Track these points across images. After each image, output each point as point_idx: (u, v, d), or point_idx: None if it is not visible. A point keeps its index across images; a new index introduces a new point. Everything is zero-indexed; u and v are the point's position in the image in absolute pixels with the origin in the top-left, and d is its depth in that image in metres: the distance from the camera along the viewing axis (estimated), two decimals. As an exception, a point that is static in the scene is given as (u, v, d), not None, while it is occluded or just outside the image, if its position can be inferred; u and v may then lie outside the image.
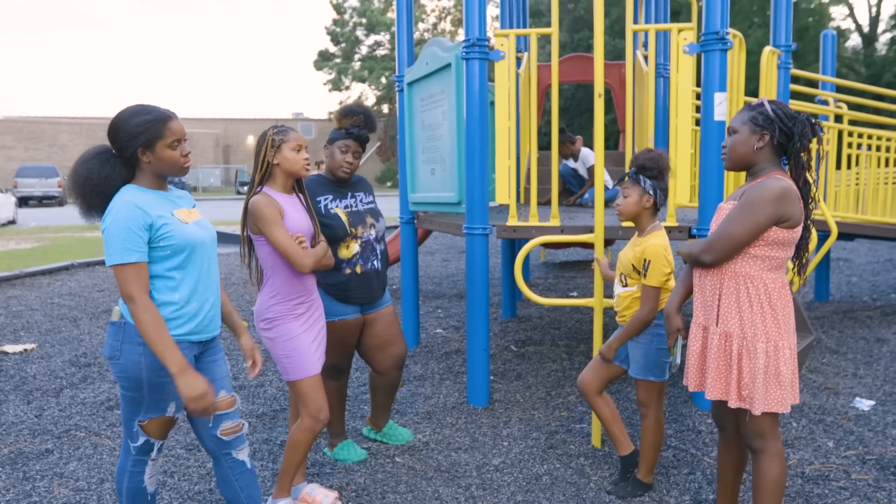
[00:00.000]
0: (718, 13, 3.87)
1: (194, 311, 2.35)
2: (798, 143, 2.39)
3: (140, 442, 2.38)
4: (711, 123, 3.93)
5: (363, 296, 3.30)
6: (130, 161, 2.31)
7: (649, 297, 2.95)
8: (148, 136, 2.26)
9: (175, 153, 2.31)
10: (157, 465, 2.48)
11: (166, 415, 2.37)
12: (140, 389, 2.29)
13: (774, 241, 2.35)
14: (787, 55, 5.45)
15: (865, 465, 3.38)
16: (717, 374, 2.44)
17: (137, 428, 2.36)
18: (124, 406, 2.35)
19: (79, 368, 5.08)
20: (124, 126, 2.27)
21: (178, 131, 2.32)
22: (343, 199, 3.27)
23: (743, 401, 2.39)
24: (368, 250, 3.28)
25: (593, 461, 3.47)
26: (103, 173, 2.27)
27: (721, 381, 2.44)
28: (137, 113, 2.28)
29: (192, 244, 2.33)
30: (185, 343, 2.33)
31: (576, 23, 27.82)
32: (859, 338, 5.75)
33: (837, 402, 4.25)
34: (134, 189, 2.30)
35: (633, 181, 3.00)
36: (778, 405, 2.37)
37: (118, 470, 2.45)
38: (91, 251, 11.61)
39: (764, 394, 2.35)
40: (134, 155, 2.29)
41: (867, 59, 28.96)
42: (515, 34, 4.27)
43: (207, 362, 2.47)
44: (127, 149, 2.27)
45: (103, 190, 2.28)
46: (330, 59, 43.06)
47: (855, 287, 8.15)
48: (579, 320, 6.50)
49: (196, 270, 2.36)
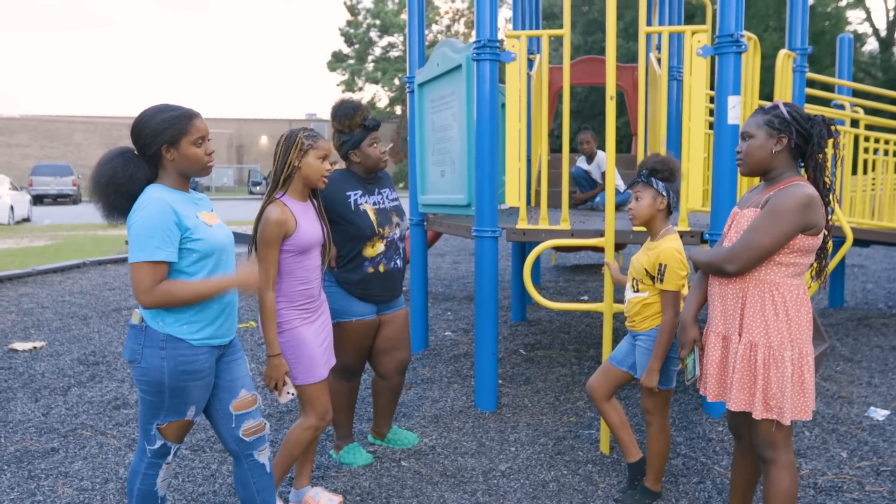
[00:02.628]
0: (733, 15, 3.82)
1: (216, 314, 2.33)
2: (816, 146, 2.34)
3: (157, 445, 2.36)
4: (725, 127, 3.87)
5: (384, 294, 3.33)
6: (154, 160, 2.29)
7: (670, 303, 2.88)
8: (173, 132, 2.25)
9: (199, 151, 2.30)
10: (170, 469, 2.46)
11: (185, 418, 2.35)
12: (161, 393, 2.27)
13: (800, 249, 2.30)
14: (802, 58, 5.38)
15: (880, 476, 3.32)
16: (741, 384, 2.37)
17: (155, 431, 2.34)
18: (143, 409, 2.33)
19: (87, 367, 5.08)
20: (149, 122, 2.26)
21: (203, 129, 2.32)
22: (371, 196, 3.29)
23: (770, 411, 2.33)
24: (392, 249, 3.31)
25: (601, 468, 3.43)
26: (128, 172, 2.25)
27: (745, 392, 2.37)
28: (162, 110, 2.28)
29: (218, 248, 2.32)
30: (206, 348, 2.31)
31: (590, 25, 27.71)
32: (874, 346, 5.67)
33: (851, 411, 4.18)
34: (161, 188, 2.28)
35: (644, 184, 2.95)
36: (803, 413, 2.33)
37: (131, 471, 2.43)
38: (103, 249, 11.66)
39: (791, 403, 2.30)
40: (158, 153, 2.27)
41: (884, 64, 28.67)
42: (527, 35, 4.23)
43: (227, 362, 2.46)
44: (151, 145, 2.25)
45: (128, 189, 2.25)
46: (343, 60, 43.17)
47: (870, 294, 8.05)
48: (589, 324, 6.45)
49: (218, 274, 2.34)
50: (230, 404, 2.45)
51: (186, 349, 2.26)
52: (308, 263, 2.80)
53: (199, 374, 2.30)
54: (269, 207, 2.71)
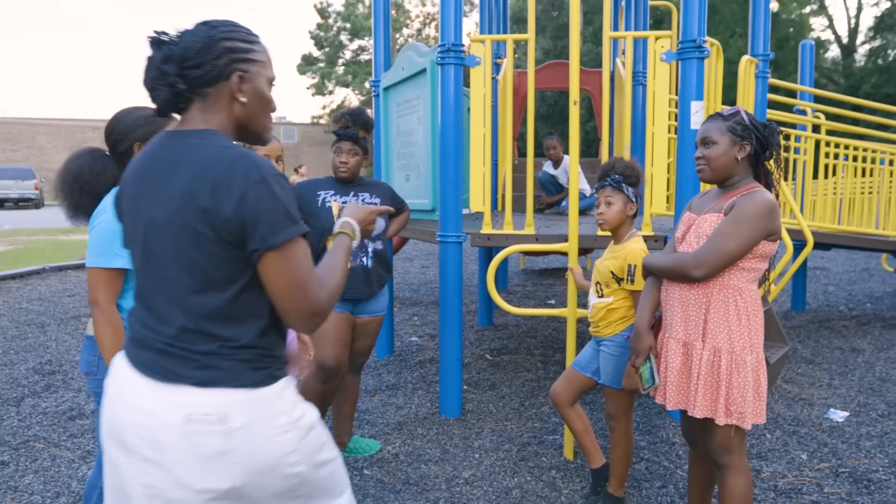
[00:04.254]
0: (696, 21, 3.84)
1: None
2: (770, 153, 2.36)
3: None
4: (688, 132, 3.90)
5: (351, 291, 3.33)
6: (124, 159, 2.23)
7: None
8: (148, 129, 2.21)
9: None
10: None
11: None
12: None
13: (761, 255, 2.31)
14: (765, 64, 5.44)
15: (839, 478, 3.35)
16: (704, 391, 2.36)
17: None
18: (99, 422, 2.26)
19: (42, 376, 4.95)
20: (124, 119, 2.22)
21: None
22: (343, 196, 3.35)
23: (731, 416, 2.32)
24: (357, 247, 3.31)
25: (565, 474, 3.41)
26: (95, 170, 2.20)
27: (709, 398, 2.36)
28: (139, 108, 2.25)
29: None
30: None
31: (560, 30, 27.90)
32: (835, 347, 5.74)
33: (812, 413, 4.22)
34: None
35: (615, 189, 2.94)
36: (760, 417, 2.33)
37: (88, 484, 2.35)
38: (65, 255, 11.42)
39: (752, 407, 2.30)
40: (129, 150, 2.21)
41: (846, 70, 29.30)
42: (492, 40, 4.22)
43: None
44: (123, 142, 2.20)
45: (94, 188, 2.20)
46: (314, 64, 42.92)
47: (832, 296, 8.18)
48: (556, 329, 6.45)
49: None
50: None
51: None
52: None
53: None
54: None
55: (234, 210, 1.37)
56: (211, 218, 1.38)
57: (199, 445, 1.39)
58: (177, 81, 1.45)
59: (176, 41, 1.46)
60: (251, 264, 1.43)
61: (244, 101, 1.52)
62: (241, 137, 1.58)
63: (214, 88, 1.49)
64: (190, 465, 1.39)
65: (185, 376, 1.41)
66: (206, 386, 1.41)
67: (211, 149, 1.42)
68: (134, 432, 1.43)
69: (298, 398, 1.54)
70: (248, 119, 1.54)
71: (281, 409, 1.46)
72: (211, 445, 1.39)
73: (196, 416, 1.39)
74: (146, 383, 1.44)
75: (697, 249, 2.35)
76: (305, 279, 1.42)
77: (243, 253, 1.41)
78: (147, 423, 1.41)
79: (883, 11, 27.99)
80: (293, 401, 1.51)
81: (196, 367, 1.42)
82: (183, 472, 1.39)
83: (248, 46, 1.52)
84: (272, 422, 1.44)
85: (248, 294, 1.45)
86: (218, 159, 1.40)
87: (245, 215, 1.37)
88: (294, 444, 1.47)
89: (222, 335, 1.43)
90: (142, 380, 1.45)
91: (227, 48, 1.48)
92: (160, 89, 1.46)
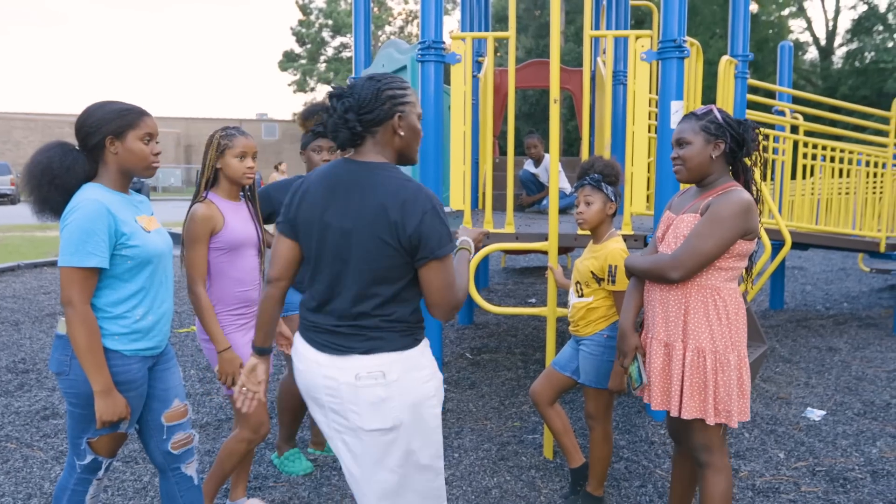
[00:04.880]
0: (676, 21, 3.85)
1: (150, 324, 2.23)
2: (747, 151, 2.35)
3: (88, 460, 2.23)
4: (668, 132, 3.90)
5: None
6: (95, 153, 2.17)
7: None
8: (121, 123, 2.15)
9: (146, 148, 2.19)
10: (100, 485, 2.33)
11: (118, 431, 2.23)
12: (91, 406, 2.14)
13: (738, 254, 2.31)
14: (744, 65, 5.47)
15: (815, 476, 3.37)
16: (691, 392, 2.35)
17: (86, 446, 2.21)
18: (72, 423, 2.20)
19: (16, 375, 4.86)
20: (96, 112, 2.15)
21: (153, 127, 2.23)
22: None
23: (719, 415, 2.32)
24: None
25: (544, 473, 3.41)
26: (65, 164, 2.12)
27: (697, 399, 2.35)
28: (112, 103, 2.18)
29: (155, 255, 2.21)
30: (139, 357, 2.21)
31: (542, 29, 27.96)
32: (812, 346, 5.80)
33: (789, 412, 4.25)
34: (98, 188, 2.15)
35: (594, 188, 2.93)
36: (745, 415, 2.33)
37: (59, 486, 2.29)
38: (40, 251, 11.26)
39: (738, 405, 2.31)
40: (101, 144, 2.15)
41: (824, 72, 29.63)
42: (472, 37, 4.20)
43: (160, 370, 2.35)
44: (95, 135, 2.14)
45: (63, 183, 2.13)
46: (295, 60, 42.68)
47: (809, 296, 8.26)
48: (536, 327, 6.45)
49: (155, 283, 2.24)
50: (162, 415, 2.34)
51: (118, 359, 2.15)
52: (241, 264, 2.70)
53: (131, 385, 2.19)
54: (195, 206, 2.64)
55: (415, 227, 1.85)
56: (398, 231, 1.85)
57: (367, 396, 1.89)
58: (356, 126, 1.90)
59: (350, 93, 1.91)
60: (414, 268, 1.91)
61: (402, 134, 1.96)
62: (400, 161, 2.02)
63: (382, 127, 1.94)
64: (361, 412, 1.90)
65: (354, 348, 1.91)
66: (370, 353, 1.90)
67: (396, 180, 1.89)
68: (322, 392, 1.96)
69: (433, 358, 2.03)
70: (406, 147, 2.00)
71: (424, 364, 1.97)
72: (376, 395, 1.89)
73: (363, 374, 1.89)
74: (325, 357, 1.95)
75: (675, 251, 2.34)
76: (453, 281, 1.93)
77: (412, 259, 1.89)
78: (330, 385, 1.93)
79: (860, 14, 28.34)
80: (430, 358, 2.01)
81: (362, 340, 1.91)
82: (356, 417, 1.90)
83: (402, 93, 1.95)
84: (418, 374, 1.94)
85: (407, 288, 1.93)
86: (404, 189, 1.87)
87: (422, 232, 1.85)
88: (433, 390, 1.98)
89: (384, 315, 1.91)
90: (321, 355, 1.96)
91: (389, 96, 1.92)
92: (342, 131, 1.91)
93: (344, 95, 1.92)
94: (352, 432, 1.94)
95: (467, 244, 2.23)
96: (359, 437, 1.93)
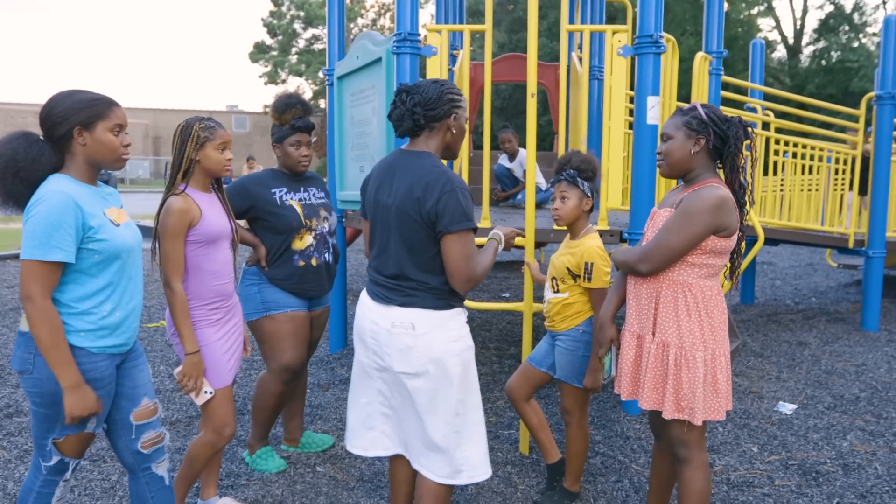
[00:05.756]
0: (653, 17, 3.85)
1: (118, 320, 2.15)
2: (732, 146, 2.35)
3: (54, 461, 2.16)
4: (644, 127, 3.90)
5: (316, 289, 3.30)
6: (61, 144, 2.09)
7: (599, 301, 2.83)
8: (90, 113, 2.07)
9: (115, 139, 2.12)
10: (67, 487, 2.26)
11: (85, 431, 2.16)
12: (57, 405, 2.07)
13: (712, 250, 2.31)
14: (718, 62, 5.51)
15: (788, 470, 3.40)
16: (652, 384, 2.37)
17: (51, 447, 2.14)
18: (36, 423, 2.12)
19: (-22, 371, 4.73)
20: (63, 102, 2.07)
21: (122, 118, 2.16)
22: (297, 192, 3.28)
23: (681, 411, 2.32)
24: (322, 243, 3.29)
25: (521, 469, 3.39)
26: (30, 155, 2.03)
27: (657, 392, 2.37)
28: (79, 92, 2.10)
29: (125, 250, 2.14)
30: (106, 354, 2.13)
31: (515, 24, 27.97)
32: (783, 341, 5.87)
33: (762, 406, 4.29)
34: (65, 180, 2.07)
35: (570, 184, 2.91)
36: (715, 413, 2.33)
37: (23, 489, 2.21)
38: (3, 244, 11.00)
39: (703, 403, 2.30)
40: (68, 135, 2.06)
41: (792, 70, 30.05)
42: (448, 30, 4.16)
43: (129, 368, 2.28)
44: (62, 125, 2.05)
45: (28, 175, 2.04)
46: (266, 52, 42.18)
47: (779, 290, 8.37)
48: (511, 322, 6.44)
49: (124, 278, 2.16)
50: (131, 413, 2.28)
51: (85, 357, 2.08)
52: (217, 257, 2.64)
53: (99, 383, 2.12)
54: (171, 199, 2.54)
55: (433, 204, 2.19)
56: (420, 207, 2.21)
57: (397, 342, 2.27)
58: (420, 119, 2.28)
59: (418, 91, 2.29)
60: (437, 241, 2.23)
61: (454, 132, 2.36)
62: (445, 154, 2.40)
63: (439, 123, 2.32)
64: (392, 354, 2.28)
65: (393, 300, 2.30)
66: (405, 306, 2.28)
67: (428, 165, 2.25)
68: (368, 335, 2.37)
69: (466, 328, 2.37)
70: (453, 143, 2.39)
71: (452, 326, 2.30)
72: (404, 342, 2.26)
73: (397, 323, 2.28)
74: (374, 305, 2.36)
75: (645, 244, 2.36)
76: (469, 255, 2.21)
77: (433, 232, 2.22)
78: (373, 328, 2.34)
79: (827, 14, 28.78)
80: (461, 324, 2.35)
81: (401, 296, 2.29)
82: (388, 358, 2.30)
83: (459, 98, 2.35)
84: (444, 333, 2.28)
85: (437, 258, 2.26)
86: (430, 173, 2.23)
87: (438, 209, 2.18)
88: (458, 350, 2.29)
89: (420, 279, 2.28)
90: (372, 303, 2.37)
91: (450, 98, 2.32)
92: (407, 122, 2.29)
93: (412, 92, 2.28)
94: (386, 371, 2.33)
95: (497, 236, 2.53)
96: (392, 376, 2.32)
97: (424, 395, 2.27)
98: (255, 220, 3.20)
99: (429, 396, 2.27)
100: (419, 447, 2.36)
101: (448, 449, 2.31)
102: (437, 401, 2.28)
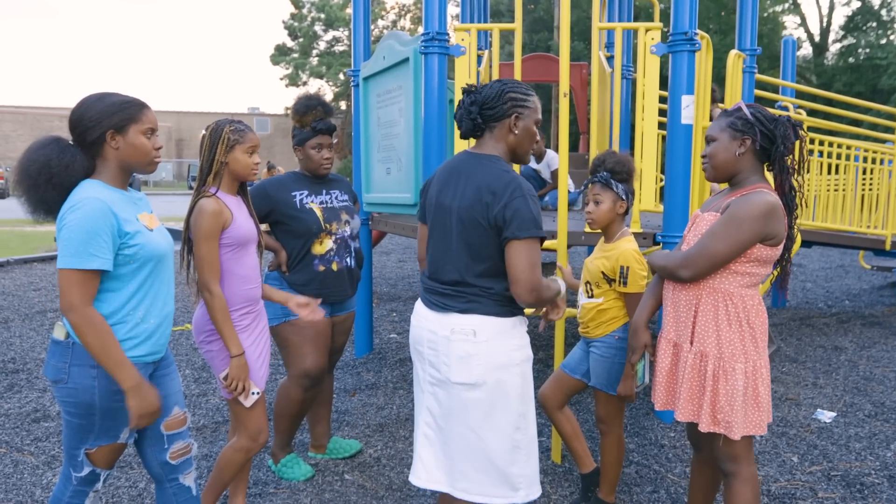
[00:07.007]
0: (687, 13, 3.75)
1: (152, 328, 2.10)
2: (781, 147, 2.25)
3: (85, 472, 2.11)
4: (678, 127, 3.80)
5: (338, 294, 3.23)
6: (93, 149, 2.04)
7: (635, 307, 2.75)
8: (122, 116, 2.03)
9: (148, 143, 2.08)
10: (97, 497, 2.21)
11: (118, 442, 2.11)
12: (91, 416, 2.03)
13: (757, 259, 2.21)
14: (751, 59, 5.38)
15: (831, 481, 3.29)
16: (689, 395, 2.28)
17: (83, 457, 2.09)
18: (69, 433, 2.08)
19: (6, 375, 4.73)
20: (95, 106, 2.02)
21: (153, 121, 2.12)
22: (318, 195, 3.20)
23: (718, 424, 2.23)
24: (343, 247, 3.21)
25: (553, 478, 3.31)
26: (63, 161, 1.99)
27: (693, 403, 2.28)
28: (109, 95, 2.06)
29: (157, 255, 2.09)
30: (140, 364, 2.08)
31: (535, 24, 27.83)
32: (817, 346, 5.72)
33: (799, 413, 4.17)
34: (99, 185, 2.02)
35: (603, 186, 2.82)
36: (756, 428, 2.23)
37: (53, 499, 2.17)
38: (30, 247, 11.10)
39: (743, 417, 2.20)
40: (101, 139, 2.02)
41: (818, 68, 29.60)
42: (477, 29, 4.09)
43: (160, 377, 2.23)
44: (95, 130, 2.01)
45: (62, 181, 1.99)
46: (287, 54, 42.37)
47: (810, 293, 8.19)
48: (538, 325, 6.35)
49: (157, 285, 2.12)
50: (162, 423, 2.23)
51: None
52: (247, 261, 2.59)
53: None
54: (203, 201, 2.49)
55: (500, 209, 2.09)
56: (487, 212, 2.11)
57: (457, 350, 2.15)
58: (477, 118, 2.21)
59: (479, 91, 2.22)
60: (502, 247, 2.12)
61: (516, 133, 2.22)
62: (512, 158, 2.27)
63: (499, 123, 2.21)
64: (451, 364, 2.16)
65: (453, 307, 2.19)
66: (466, 313, 2.17)
67: (497, 170, 2.15)
68: (425, 345, 2.26)
69: (527, 337, 2.27)
70: (518, 146, 2.25)
71: (514, 334, 2.20)
72: (465, 350, 2.15)
73: (457, 329, 2.16)
74: (431, 314, 2.25)
75: (688, 249, 2.26)
76: (535, 263, 2.09)
77: (500, 239, 2.12)
78: (431, 338, 2.23)
79: (854, 11, 28.33)
80: (523, 334, 2.25)
81: (461, 302, 2.18)
82: (446, 369, 2.17)
83: (524, 98, 2.22)
84: (507, 341, 2.18)
85: (500, 264, 2.15)
86: (499, 178, 2.13)
87: (506, 214, 2.08)
88: (518, 360, 2.19)
89: (482, 285, 2.17)
90: (429, 312, 2.26)
91: (511, 97, 2.20)
92: (466, 121, 2.23)
93: (473, 92, 2.23)
94: (441, 385, 2.20)
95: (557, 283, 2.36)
96: (446, 390, 2.19)
97: (482, 410, 2.15)
98: (276, 223, 3.15)
99: (486, 411, 2.15)
100: (466, 471, 2.19)
101: (504, 466, 2.18)
102: (496, 415, 2.16)
